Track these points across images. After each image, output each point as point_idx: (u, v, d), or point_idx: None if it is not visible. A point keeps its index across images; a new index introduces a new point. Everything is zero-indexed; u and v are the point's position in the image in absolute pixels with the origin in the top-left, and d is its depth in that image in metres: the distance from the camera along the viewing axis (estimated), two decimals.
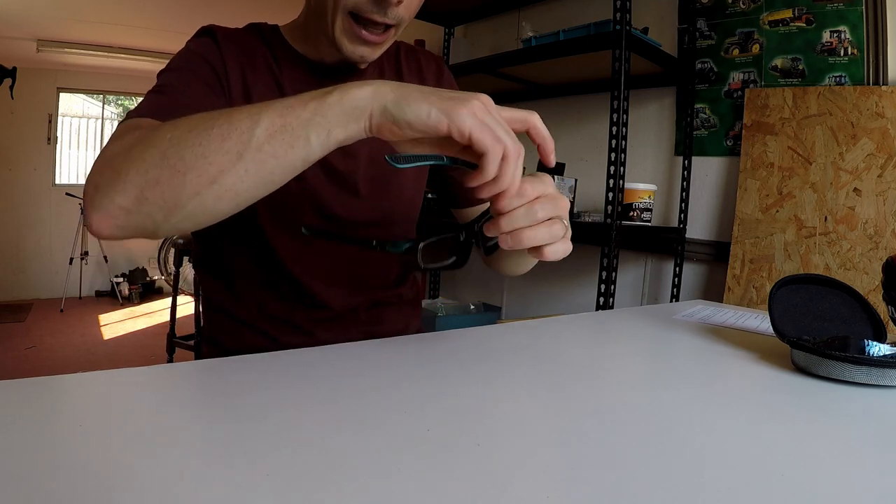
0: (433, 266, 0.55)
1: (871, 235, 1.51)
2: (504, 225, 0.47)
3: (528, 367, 0.56)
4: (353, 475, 0.32)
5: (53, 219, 4.95)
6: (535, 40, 1.88)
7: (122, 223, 0.47)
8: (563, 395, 0.49)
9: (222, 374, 0.49)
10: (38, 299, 4.85)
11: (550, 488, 0.32)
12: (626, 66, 1.57)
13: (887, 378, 0.53)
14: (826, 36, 1.63)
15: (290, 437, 0.37)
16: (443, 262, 0.56)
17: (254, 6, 3.13)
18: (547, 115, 2.47)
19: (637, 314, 0.91)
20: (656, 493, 0.32)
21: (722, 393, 0.53)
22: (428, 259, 0.55)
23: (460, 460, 0.34)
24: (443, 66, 0.87)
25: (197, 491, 0.29)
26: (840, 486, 0.34)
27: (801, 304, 0.68)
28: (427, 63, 0.85)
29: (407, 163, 0.47)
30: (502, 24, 2.54)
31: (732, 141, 1.85)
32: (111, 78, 5.00)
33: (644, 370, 0.62)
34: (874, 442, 0.42)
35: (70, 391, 0.44)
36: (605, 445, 0.38)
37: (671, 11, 1.99)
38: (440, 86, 0.84)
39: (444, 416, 0.42)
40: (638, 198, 1.75)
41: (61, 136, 5.05)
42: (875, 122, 1.51)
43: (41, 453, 0.32)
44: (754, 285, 1.70)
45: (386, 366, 0.54)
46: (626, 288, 2.12)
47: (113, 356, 3.35)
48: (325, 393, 0.46)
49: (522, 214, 0.47)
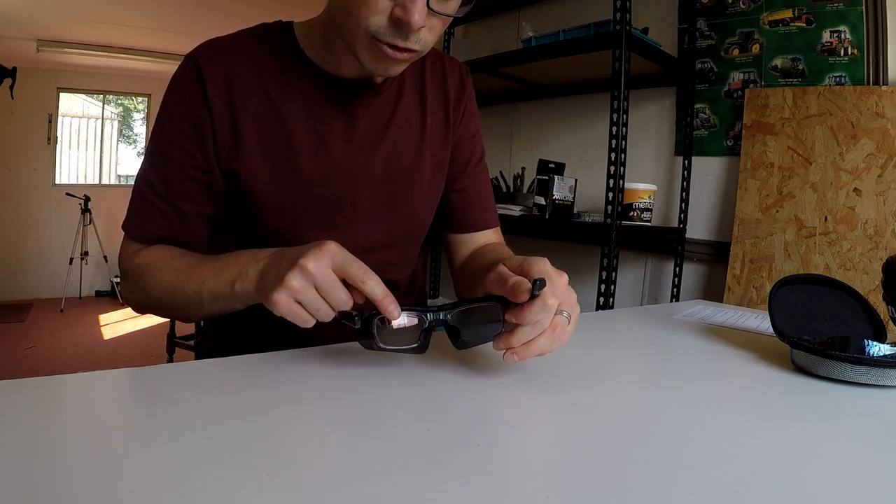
0: (390, 349, 0.52)
1: (871, 235, 1.51)
2: (515, 342, 0.49)
3: (528, 367, 0.56)
4: (354, 475, 0.32)
5: (53, 219, 4.95)
6: (535, 40, 1.88)
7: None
8: (563, 395, 0.49)
9: (222, 374, 0.49)
10: (38, 299, 4.85)
11: (550, 488, 0.32)
12: (626, 66, 1.57)
13: (887, 378, 0.53)
14: (826, 36, 1.63)
15: (289, 437, 0.37)
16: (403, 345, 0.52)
17: (254, 6, 3.13)
18: (547, 115, 2.48)
19: (637, 314, 0.91)
20: (656, 493, 0.32)
21: (722, 393, 0.53)
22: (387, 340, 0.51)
23: (460, 460, 0.34)
24: (466, 80, 0.82)
25: (197, 491, 0.29)
26: (840, 486, 0.34)
27: (801, 304, 0.68)
28: (451, 73, 0.80)
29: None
30: (502, 24, 2.54)
31: (732, 141, 1.84)
32: (111, 78, 5.00)
33: (644, 370, 0.62)
34: (874, 442, 0.42)
35: (70, 391, 0.44)
36: (604, 445, 0.38)
37: (671, 11, 1.99)
38: (460, 100, 0.80)
39: (444, 416, 0.42)
40: (638, 198, 1.75)
41: (61, 136, 5.05)
42: (875, 122, 1.51)
43: (41, 453, 0.32)
44: (754, 285, 1.70)
45: (386, 365, 0.54)
46: (626, 288, 2.12)
47: (113, 356, 3.35)
48: (324, 393, 0.46)
49: (531, 330, 0.49)
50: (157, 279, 0.64)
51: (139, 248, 0.69)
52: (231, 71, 0.66)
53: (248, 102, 0.66)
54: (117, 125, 5.53)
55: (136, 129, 5.68)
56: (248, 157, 0.66)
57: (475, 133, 0.84)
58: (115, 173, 5.48)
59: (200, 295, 0.60)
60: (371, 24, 0.57)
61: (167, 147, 0.67)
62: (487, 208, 0.85)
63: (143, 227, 0.69)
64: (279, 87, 0.68)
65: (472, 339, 0.53)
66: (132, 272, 0.68)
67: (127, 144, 5.64)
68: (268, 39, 0.69)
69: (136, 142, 5.66)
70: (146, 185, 0.68)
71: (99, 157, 5.37)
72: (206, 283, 0.59)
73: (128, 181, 5.53)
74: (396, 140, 0.73)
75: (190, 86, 0.66)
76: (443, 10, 0.58)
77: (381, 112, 0.73)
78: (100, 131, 5.34)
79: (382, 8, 0.56)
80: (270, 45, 0.69)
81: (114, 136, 5.48)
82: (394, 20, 0.56)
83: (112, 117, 5.46)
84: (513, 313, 0.49)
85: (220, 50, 0.67)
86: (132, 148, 5.67)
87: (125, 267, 0.70)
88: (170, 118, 0.67)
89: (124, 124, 5.66)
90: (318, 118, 0.69)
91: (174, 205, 0.67)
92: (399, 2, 0.55)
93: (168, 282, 0.63)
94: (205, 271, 0.60)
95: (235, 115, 0.66)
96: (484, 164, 0.86)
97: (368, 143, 0.71)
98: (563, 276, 0.52)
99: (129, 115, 5.70)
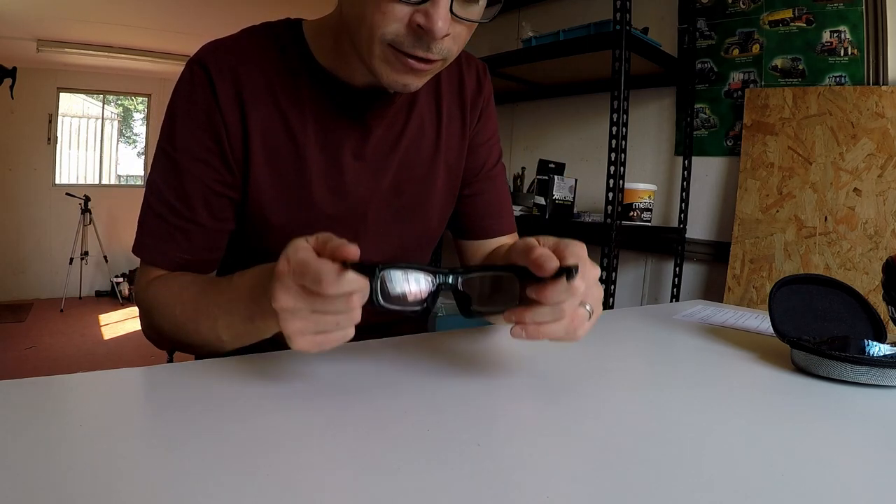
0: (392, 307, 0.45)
1: (871, 235, 1.51)
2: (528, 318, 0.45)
3: (528, 368, 0.56)
4: (354, 475, 0.32)
5: (53, 219, 4.95)
6: (535, 40, 1.88)
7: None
8: (562, 395, 0.49)
9: (222, 374, 0.49)
10: (38, 299, 4.85)
11: (550, 488, 0.32)
12: (626, 66, 1.57)
13: (887, 378, 0.53)
14: (826, 36, 1.63)
15: (289, 437, 0.37)
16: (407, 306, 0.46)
17: (257, 5, 3.13)
18: (547, 115, 2.48)
19: (637, 314, 0.91)
20: (656, 493, 0.32)
21: (722, 393, 0.53)
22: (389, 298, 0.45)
23: (460, 460, 0.34)
24: (484, 79, 0.77)
25: (197, 491, 0.29)
26: (840, 486, 0.34)
27: (801, 304, 0.68)
28: (469, 74, 0.75)
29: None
30: (502, 24, 2.54)
31: (732, 141, 1.84)
32: (111, 78, 5.00)
33: (644, 370, 0.62)
34: (874, 442, 0.42)
35: (70, 391, 0.44)
36: (604, 445, 0.38)
37: (671, 11, 1.99)
38: (476, 102, 0.75)
39: (444, 416, 0.42)
40: (638, 198, 1.75)
41: (61, 136, 5.05)
42: (875, 122, 1.51)
43: (41, 453, 0.32)
44: (754, 285, 1.70)
45: (386, 365, 0.54)
46: (626, 288, 2.12)
47: (113, 356, 3.35)
48: (324, 393, 0.46)
49: (549, 312, 0.45)
50: (168, 315, 0.59)
51: (154, 276, 0.63)
52: (239, 81, 0.61)
53: (258, 115, 0.62)
54: (117, 125, 5.53)
55: (136, 129, 5.68)
56: (258, 174, 0.63)
57: (492, 135, 0.79)
58: (115, 173, 5.48)
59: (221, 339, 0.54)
60: (388, 34, 0.51)
61: (183, 160, 0.61)
62: (504, 213, 0.80)
63: (162, 251, 0.62)
64: (289, 98, 0.63)
65: (483, 308, 0.48)
66: (145, 306, 0.63)
67: (127, 144, 5.64)
68: (276, 42, 0.63)
69: (136, 142, 5.66)
70: (161, 204, 0.62)
71: (99, 157, 5.37)
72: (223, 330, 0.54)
73: (128, 181, 5.54)
74: (409, 149, 0.70)
75: (202, 94, 0.61)
76: (467, 15, 0.52)
77: (395, 122, 0.69)
78: (100, 131, 5.34)
79: (400, 15, 0.50)
80: (278, 50, 0.63)
81: (114, 136, 5.48)
82: (413, 28, 0.51)
83: (112, 117, 5.46)
84: (535, 289, 0.44)
85: (227, 56, 0.62)
86: (132, 148, 5.67)
87: (139, 298, 0.64)
88: (183, 128, 0.61)
89: (124, 124, 5.66)
90: (329, 132, 0.65)
91: (196, 222, 0.62)
92: (420, 8, 0.50)
93: (178, 319, 0.58)
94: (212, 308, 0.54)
95: (246, 128, 0.61)
96: (502, 167, 0.81)
97: (380, 158, 0.68)
98: (596, 269, 0.48)
99: (129, 115, 5.70)
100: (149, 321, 0.63)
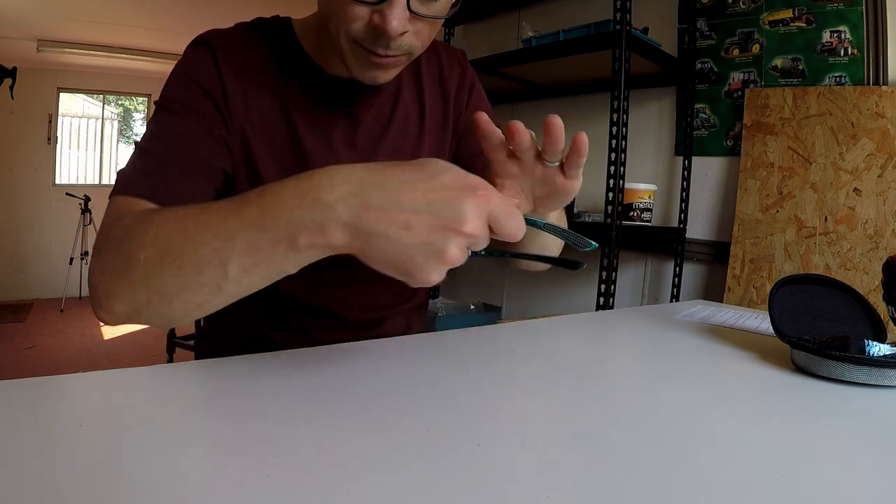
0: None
1: (871, 235, 1.51)
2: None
3: (528, 368, 0.56)
4: (354, 475, 0.32)
5: (53, 219, 4.95)
6: (535, 40, 1.88)
7: (126, 321, 0.49)
8: (562, 395, 0.49)
9: (222, 374, 0.49)
10: (38, 299, 4.85)
11: (550, 488, 0.32)
12: (626, 66, 1.57)
13: (887, 378, 0.53)
14: (826, 36, 1.63)
15: (290, 437, 0.37)
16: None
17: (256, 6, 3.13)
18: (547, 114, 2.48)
19: (637, 314, 0.91)
20: (656, 493, 0.32)
21: (722, 393, 0.53)
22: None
23: (460, 460, 0.34)
24: (465, 66, 0.79)
25: (197, 491, 0.29)
26: (840, 486, 0.34)
27: (801, 304, 0.68)
28: (449, 64, 0.78)
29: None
30: (502, 24, 2.54)
31: (732, 141, 1.84)
32: (111, 78, 5.00)
33: (644, 370, 0.62)
34: (874, 442, 0.42)
35: (70, 391, 0.44)
36: (604, 445, 0.38)
37: (671, 11, 1.99)
38: (461, 89, 0.78)
39: (444, 416, 0.42)
40: (638, 198, 1.75)
41: (61, 136, 5.05)
42: (875, 122, 1.51)
43: (41, 453, 0.32)
44: (754, 285, 1.70)
45: (386, 366, 0.54)
46: (626, 288, 2.11)
47: (113, 356, 3.35)
48: (324, 393, 0.46)
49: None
50: (152, 235, 0.44)
51: (140, 208, 0.52)
52: (240, 63, 0.63)
53: (256, 96, 0.64)
54: (117, 125, 5.53)
55: (136, 129, 5.68)
56: (256, 149, 0.64)
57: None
58: (115, 173, 5.48)
59: (226, 268, 0.41)
60: (351, 31, 0.54)
61: (180, 109, 0.60)
62: None
63: (151, 181, 0.55)
64: (283, 86, 0.65)
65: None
66: (115, 235, 0.48)
67: (127, 144, 5.64)
68: (269, 35, 0.67)
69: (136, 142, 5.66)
70: (152, 141, 0.59)
71: (99, 157, 5.38)
72: (233, 251, 0.40)
73: None
74: (397, 137, 0.73)
75: (204, 64, 0.61)
76: (427, 11, 0.54)
77: (382, 111, 0.72)
78: (100, 131, 5.35)
79: (361, 14, 0.53)
80: (272, 40, 0.66)
81: (114, 137, 5.48)
82: (373, 27, 0.53)
83: (112, 117, 5.46)
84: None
85: (229, 40, 0.64)
86: (132, 148, 5.67)
87: (102, 237, 0.50)
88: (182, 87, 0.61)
89: (124, 124, 5.66)
90: (320, 121, 0.68)
91: (194, 153, 0.59)
92: (377, 8, 0.52)
93: (159, 244, 0.43)
94: (230, 220, 0.41)
95: (247, 103, 0.63)
96: None
97: (370, 146, 0.71)
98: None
99: (129, 115, 5.70)
100: (111, 260, 0.47)
